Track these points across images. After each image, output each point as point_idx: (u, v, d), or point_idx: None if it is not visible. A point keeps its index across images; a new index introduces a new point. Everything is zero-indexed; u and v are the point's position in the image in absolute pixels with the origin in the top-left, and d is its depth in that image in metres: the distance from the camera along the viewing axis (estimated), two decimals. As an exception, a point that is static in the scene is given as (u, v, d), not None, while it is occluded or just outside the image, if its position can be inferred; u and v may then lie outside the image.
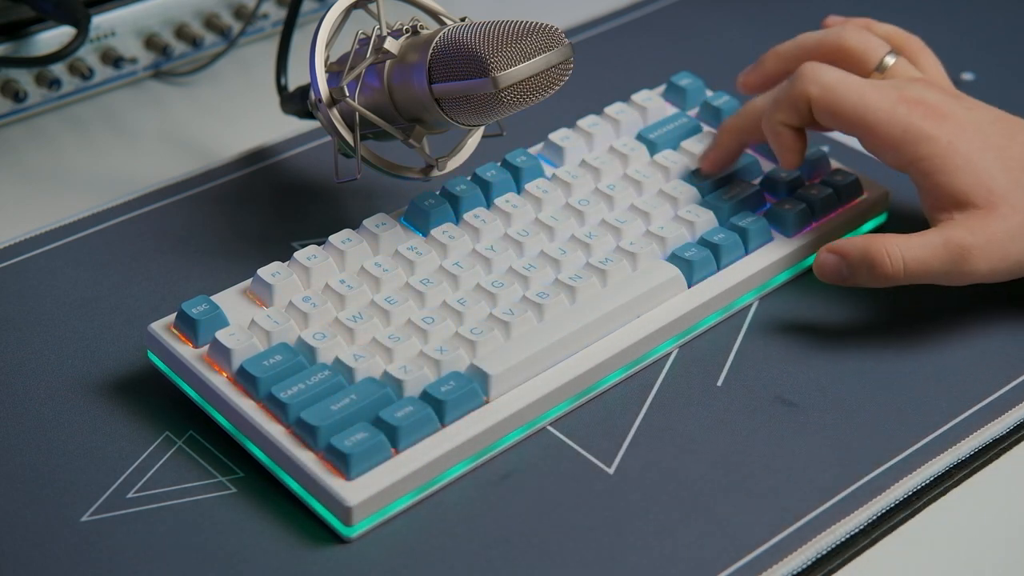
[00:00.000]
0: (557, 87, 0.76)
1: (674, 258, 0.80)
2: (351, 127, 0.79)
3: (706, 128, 0.89)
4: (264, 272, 0.77)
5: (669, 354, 0.79)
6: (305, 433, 0.70)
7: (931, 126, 0.78)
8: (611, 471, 0.73)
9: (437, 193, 0.82)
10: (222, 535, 0.69)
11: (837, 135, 0.94)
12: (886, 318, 0.81)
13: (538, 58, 0.74)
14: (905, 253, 0.77)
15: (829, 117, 0.79)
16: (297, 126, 0.94)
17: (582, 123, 0.87)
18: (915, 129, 0.77)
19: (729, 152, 0.84)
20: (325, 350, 0.73)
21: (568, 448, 0.74)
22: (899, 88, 0.79)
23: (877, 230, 0.87)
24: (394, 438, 0.70)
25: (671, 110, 0.90)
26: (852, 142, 0.93)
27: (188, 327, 0.74)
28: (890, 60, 0.83)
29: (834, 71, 0.79)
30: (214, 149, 0.95)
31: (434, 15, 0.82)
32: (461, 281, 0.78)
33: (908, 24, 0.88)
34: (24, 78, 0.94)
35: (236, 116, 0.98)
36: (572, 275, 0.77)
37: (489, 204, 0.82)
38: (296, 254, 0.78)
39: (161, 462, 0.73)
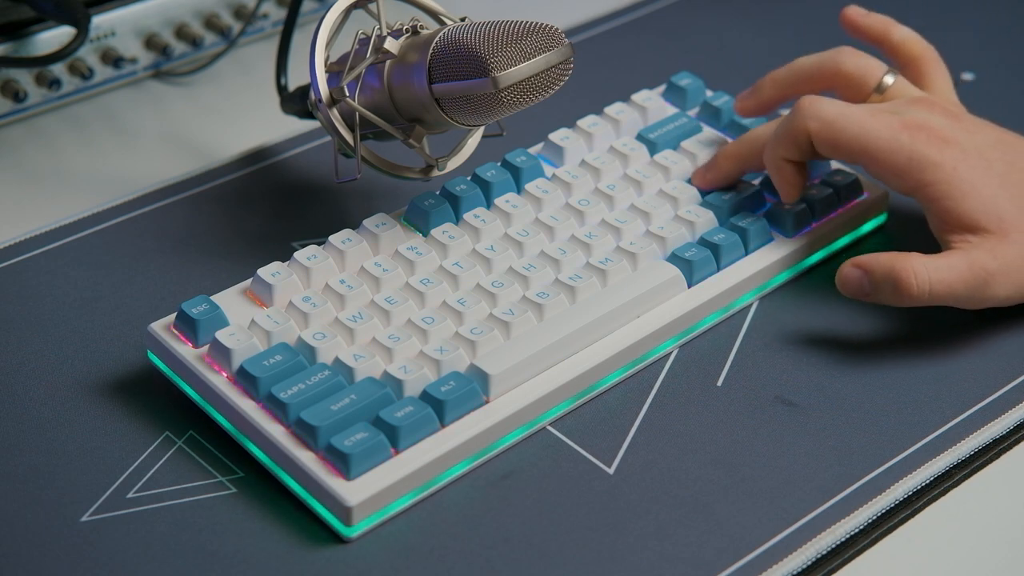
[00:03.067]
0: (557, 87, 0.76)
1: (674, 258, 0.80)
2: (351, 127, 0.79)
3: (706, 128, 0.89)
4: (264, 272, 0.77)
5: (669, 354, 0.79)
6: (305, 433, 0.70)
7: (935, 152, 0.77)
8: (611, 471, 0.73)
9: (437, 193, 0.82)
10: (222, 535, 0.69)
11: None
12: (886, 318, 0.81)
13: (538, 58, 0.74)
14: (932, 275, 0.77)
15: (831, 150, 0.79)
16: (297, 126, 0.94)
17: (582, 123, 0.87)
18: (919, 156, 0.77)
19: (728, 177, 0.84)
20: (325, 350, 0.73)
21: (568, 448, 0.74)
22: (900, 114, 0.79)
23: (877, 230, 0.87)
24: (394, 438, 0.70)
25: (671, 110, 0.90)
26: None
27: (188, 327, 0.74)
28: (889, 80, 0.83)
29: (833, 104, 0.79)
30: (214, 149, 0.95)
31: (434, 15, 0.82)
32: (461, 281, 0.78)
33: (908, 24, 0.88)
34: (24, 78, 0.94)
35: (236, 116, 0.98)
36: (572, 275, 0.77)
37: (489, 204, 0.82)
38: (296, 254, 0.78)
39: (161, 462, 0.73)
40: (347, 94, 0.78)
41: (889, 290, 0.77)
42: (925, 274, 0.76)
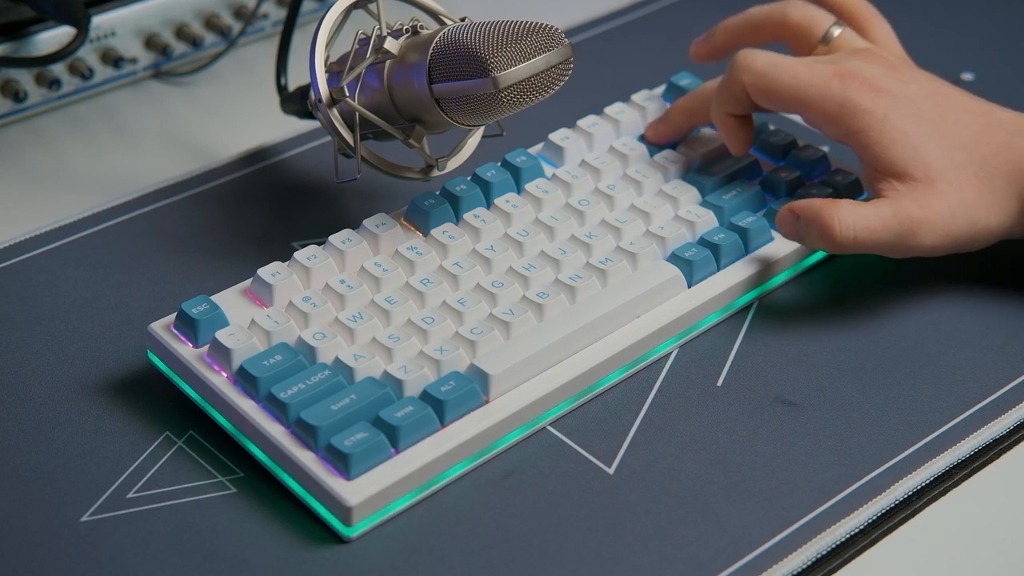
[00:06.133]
0: (557, 87, 0.76)
1: (674, 258, 0.80)
2: (351, 127, 0.79)
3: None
4: (264, 272, 0.77)
5: (669, 354, 0.79)
6: (305, 433, 0.70)
7: (867, 99, 0.79)
8: (611, 471, 0.73)
9: (437, 193, 0.82)
10: (222, 535, 0.69)
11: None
12: (886, 318, 0.81)
13: (538, 58, 0.74)
14: (856, 222, 0.78)
15: (767, 100, 0.81)
16: (297, 126, 0.94)
17: (582, 123, 0.87)
18: (850, 103, 0.79)
19: (679, 130, 0.86)
20: (325, 350, 0.73)
21: (568, 448, 0.74)
22: (834, 63, 0.80)
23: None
24: (394, 438, 0.70)
25: (671, 110, 0.90)
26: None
27: (188, 327, 0.74)
28: (836, 31, 0.84)
29: (766, 56, 0.81)
30: (214, 149, 0.95)
31: (434, 15, 0.82)
32: (461, 281, 0.78)
33: (908, 24, 0.88)
34: (24, 78, 0.94)
35: (236, 116, 0.98)
36: (572, 275, 0.77)
37: (489, 204, 0.82)
38: (296, 254, 0.78)
39: (161, 462, 0.73)
40: (347, 94, 0.78)
41: (816, 234, 0.78)
42: (850, 220, 0.77)
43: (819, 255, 0.84)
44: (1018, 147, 0.79)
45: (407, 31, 0.78)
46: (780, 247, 0.82)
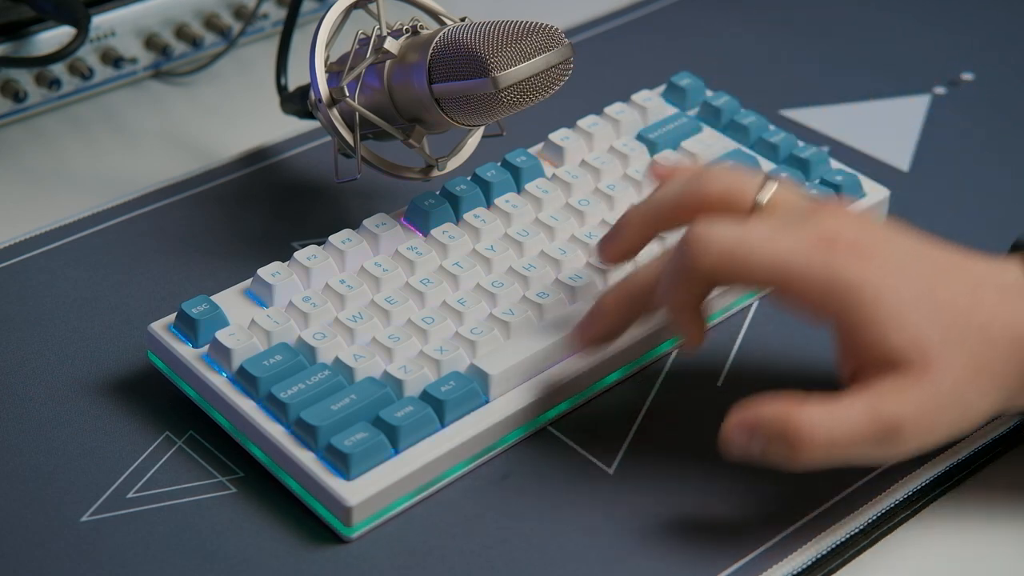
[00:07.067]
0: (557, 87, 0.76)
1: (674, 258, 0.79)
2: (351, 127, 0.79)
3: (706, 128, 0.89)
4: (264, 272, 0.77)
5: (669, 354, 0.79)
6: (305, 433, 0.70)
7: (855, 271, 0.65)
8: (611, 471, 0.73)
9: (437, 193, 0.82)
10: (222, 535, 0.69)
11: (836, 134, 0.94)
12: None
13: (538, 58, 0.74)
14: (831, 432, 0.64)
15: (739, 280, 0.68)
16: (297, 126, 0.94)
17: (582, 123, 0.87)
18: (837, 280, 0.65)
19: (614, 330, 0.73)
20: (325, 350, 0.73)
21: (568, 448, 0.74)
22: (807, 227, 0.67)
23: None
24: (394, 438, 0.70)
25: (671, 110, 0.90)
26: (851, 141, 0.93)
27: (188, 327, 0.74)
28: (768, 190, 0.70)
29: (727, 229, 0.67)
30: (214, 149, 0.95)
31: (434, 15, 0.82)
32: (461, 281, 0.78)
33: (908, 24, 0.88)
34: (24, 78, 0.94)
35: (236, 116, 0.98)
36: (572, 275, 0.77)
37: (489, 204, 0.82)
38: (296, 254, 0.78)
39: (161, 462, 0.73)
40: (347, 94, 0.78)
41: (782, 452, 0.65)
42: (824, 431, 0.64)
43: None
44: (1018, 309, 0.67)
45: (407, 31, 0.78)
46: (780, 247, 0.82)
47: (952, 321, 0.66)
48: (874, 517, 0.71)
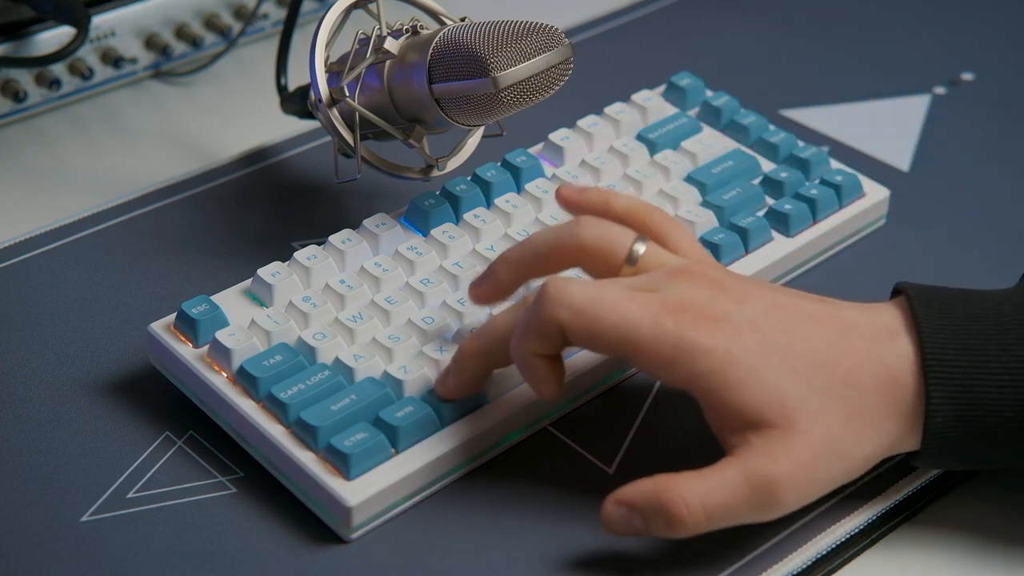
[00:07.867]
0: (557, 87, 0.76)
1: (674, 258, 0.79)
2: (351, 127, 0.79)
3: (706, 128, 0.89)
4: (264, 272, 0.77)
5: (669, 354, 0.79)
6: (305, 433, 0.70)
7: (704, 336, 0.65)
8: (611, 471, 0.73)
9: (437, 193, 0.82)
10: (222, 535, 0.69)
11: (836, 134, 0.94)
12: (886, 318, 0.81)
13: (538, 58, 0.74)
14: (704, 499, 0.65)
15: (587, 343, 0.67)
16: (297, 126, 0.94)
17: (582, 123, 0.87)
18: (686, 343, 0.65)
19: (473, 379, 0.71)
20: (325, 350, 0.73)
21: (568, 448, 0.74)
22: (660, 293, 0.67)
23: (877, 231, 0.87)
24: (394, 438, 0.70)
25: (671, 110, 0.90)
26: (851, 141, 0.93)
27: (188, 327, 0.74)
28: (640, 248, 0.69)
29: (583, 288, 0.67)
30: (214, 149, 0.95)
31: (434, 15, 0.82)
32: (461, 281, 0.78)
33: (908, 24, 0.88)
34: (24, 78, 0.94)
35: (236, 116, 0.98)
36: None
37: (489, 204, 0.82)
38: (296, 254, 0.78)
39: (161, 462, 0.73)
40: (347, 94, 0.78)
41: (662, 524, 0.65)
42: (697, 500, 0.65)
43: (819, 255, 0.84)
44: (884, 354, 0.67)
45: (407, 31, 0.78)
46: (780, 247, 0.82)
47: (814, 371, 0.66)
48: (874, 517, 0.71)
